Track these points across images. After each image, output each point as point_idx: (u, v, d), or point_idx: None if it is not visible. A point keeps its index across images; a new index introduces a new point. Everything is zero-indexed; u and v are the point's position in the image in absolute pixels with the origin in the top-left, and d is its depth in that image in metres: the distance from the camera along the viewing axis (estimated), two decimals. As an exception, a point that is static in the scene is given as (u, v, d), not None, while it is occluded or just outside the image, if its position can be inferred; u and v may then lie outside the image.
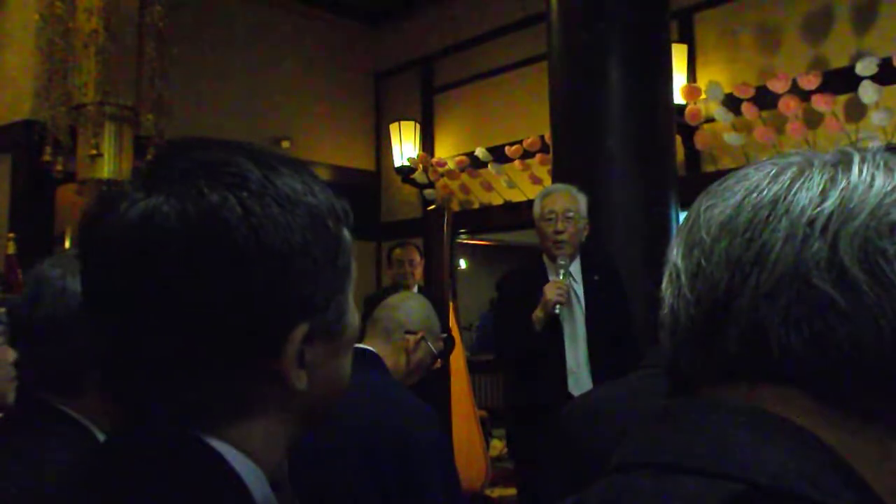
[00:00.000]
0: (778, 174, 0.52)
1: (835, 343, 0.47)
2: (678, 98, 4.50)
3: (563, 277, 2.86)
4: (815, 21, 4.62)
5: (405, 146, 6.45)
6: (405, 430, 1.80)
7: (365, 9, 6.84)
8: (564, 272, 2.87)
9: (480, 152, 5.91)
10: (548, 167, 4.43)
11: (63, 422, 1.01)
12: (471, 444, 4.49)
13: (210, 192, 0.55)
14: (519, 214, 5.68)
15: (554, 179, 3.47)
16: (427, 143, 6.63)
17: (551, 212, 2.94)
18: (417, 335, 2.04)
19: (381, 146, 7.00)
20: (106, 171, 3.96)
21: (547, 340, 2.83)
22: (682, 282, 0.53)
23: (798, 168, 0.52)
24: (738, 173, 0.55)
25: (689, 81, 4.94)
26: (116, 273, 0.56)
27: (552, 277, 2.92)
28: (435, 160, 6.38)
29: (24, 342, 1.06)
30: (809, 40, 4.65)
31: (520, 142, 5.65)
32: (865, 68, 4.18)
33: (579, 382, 2.83)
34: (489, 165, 5.92)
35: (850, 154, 0.52)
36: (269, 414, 0.59)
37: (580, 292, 2.95)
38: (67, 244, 4.66)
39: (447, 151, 6.49)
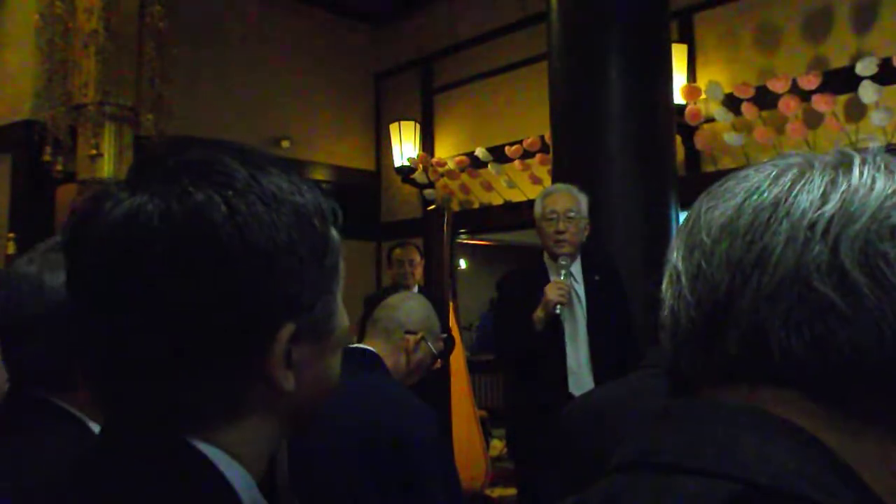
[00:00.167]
0: (778, 176, 0.52)
1: (835, 346, 0.47)
2: (678, 98, 4.50)
3: (565, 277, 2.86)
4: (815, 21, 4.62)
5: (405, 146, 6.44)
6: (405, 430, 1.80)
7: (365, 9, 6.84)
8: (566, 272, 2.87)
9: (480, 152, 5.90)
10: (548, 167, 4.43)
11: (57, 417, 1.00)
12: (471, 444, 4.49)
13: (195, 191, 0.55)
14: (519, 214, 5.68)
15: (554, 179, 3.47)
16: (427, 143, 6.63)
17: (553, 212, 2.94)
18: (417, 335, 2.05)
19: (381, 146, 6.99)
20: (106, 171, 3.96)
21: (548, 340, 2.83)
22: (683, 283, 0.53)
23: (798, 170, 0.52)
24: (739, 174, 0.55)
25: (689, 81, 4.93)
26: (101, 272, 0.56)
27: (553, 277, 2.92)
28: (435, 160, 6.38)
29: (6, 341, 1.05)
30: (809, 40, 4.65)
31: (520, 142, 5.65)
32: (865, 68, 4.18)
33: (580, 382, 2.83)
34: (489, 165, 5.91)
35: (851, 156, 0.52)
36: (256, 416, 0.59)
37: (581, 292, 2.95)
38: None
39: (447, 151, 6.49)
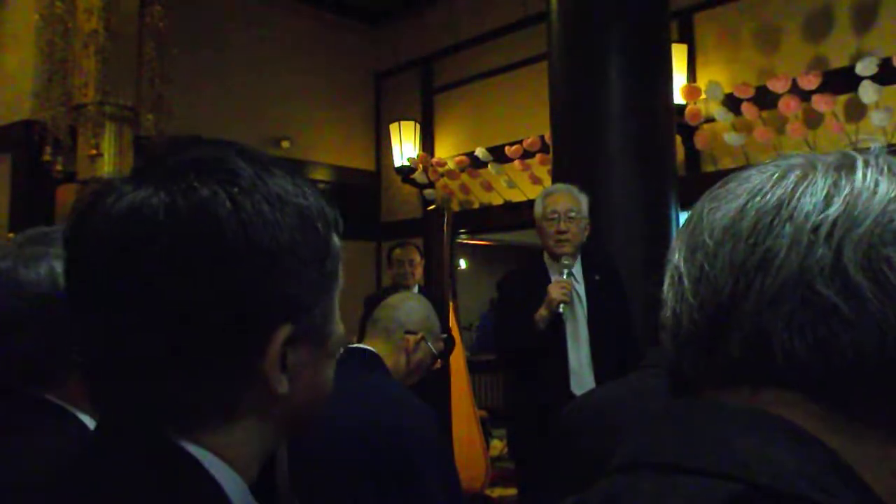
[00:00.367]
0: (781, 177, 0.52)
1: (838, 349, 0.47)
2: (678, 98, 4.50)
3: (567, 277, 2.86)
4: (815, 21, 4.62)
5: (405, 146, 6.44)
6: (405, 431, 1.80)
7: (365, 9, 6.84)
8: (568, 272, 2.88)
9: (480, 152, 5.90)
10: (548, 167, 4.43)
11: (48, 412, 1.00)
12: (471, 444, 4.49)
13: (201, 187, 0.55)
14: (519, 214, 5.68)
15: (554, 179, 3.47)
16: (427, 143, 6.63)
17: (554, 212, 2.94)
18: (417, 335, 2.04)
19: (381, 146, 6.99)
20: (106, 171, 3.96)
21: (549, 340, 2.84)
22: (685, 285, 0.53)
23: (801, 171, 0.52)
24: (740, 175, 0.55)
25: (689, 81, 4.93)
26: (102, 266, 0.55)
27: (553, 277, 2.92)
28: (435, 160, 6.38)
29: None
30: (809, 40, 4.64)
31: (520, 142, 5.65)
32: (865, 68, 4.18)
33: (581, 382, 2.83)
34: (489, 165, 5.91)
35: (853, 158, 0.52)
36: (250, 419, 0.58)
37: (582, 292, 2.95)
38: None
39: (447, 151, 6.49)
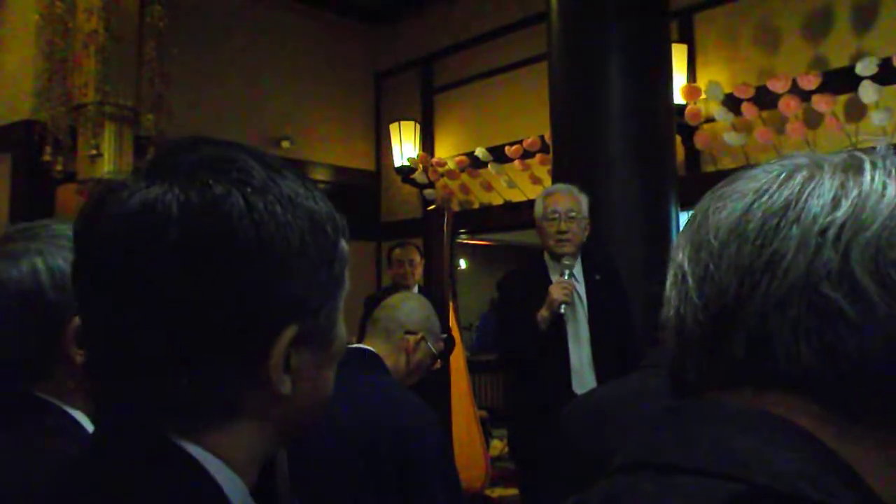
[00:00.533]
0: (787, 178, 0.51)
1: (844, 353, 0.47)
2: (678, 98, 4.49)
3: (568, 277, 2.87)
4: (815, 21, 4.62)
5: (405, 146, 6.44)
6: (405, 431, 1.80)
7: (365, 9, 6.84)
8: (570, 272, 2.88)
9: (480, 152, 5.90)
10: (548, 167, 4.42)
11: (39, 409, 0.99)
12: (471, 444, 4.48)
13: (215, 185, 0.55)
14: (519, 214, 5.67)
15: (554, 179, 3.47)
16: (427, 143, 6.62)
17: (554, 212, 2.94)
18: (417, 335, 2.04)
19: (381, 146, 6.99)
20: (106, 171, 3.96)
21: (551, 340, 2.84)
22: (690, 285, 0.52)
23: (808, 172, 0.51)
24: (746, 174, 0.54)
25: (689, 81, 4.93)
26: (112, 262, 0.55)
27: (554, 277, 2.92)
28: (435, 160, 6.37)
29: None
30: (809, 40, 4.64)
31: (520, 142, 5.65)
32: (865, 68, 4.18)
33: (583, 381, 2.83)
34: (489, 165, 5.91)
35: (861, 159, 0.51)
36: (251, 421, 0.59)
37: (582, 292, 2.95)
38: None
39: (447, 151, 6.49)
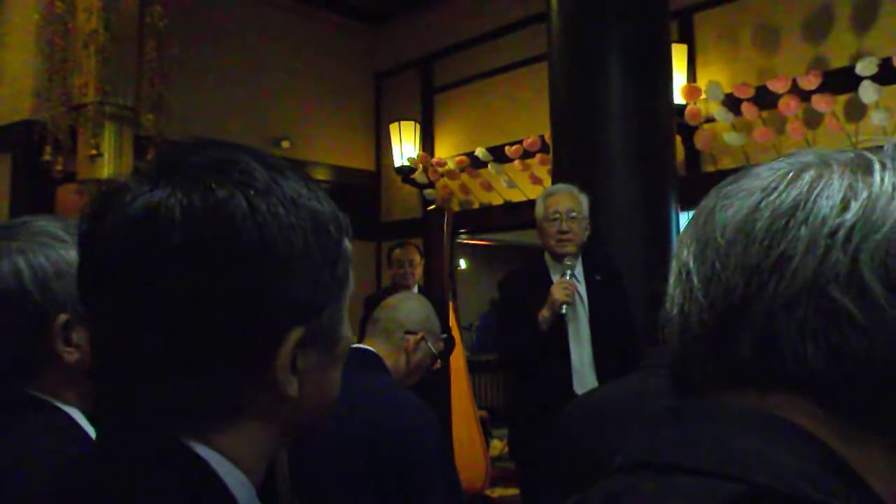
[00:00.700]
0: (795, 177, 0.51)
1: (851, 356, 0.46)
2: (678, 98, 4.49)
3: (570, 277, 2.87)
4: (815, 21, 4.62)
5: (405, 146, 6.44)
6: (405, 431, 1.80)
7: (365, 9, 6.84)
8: (571, 272, 2.88)
9: (480, 152, 5.90)
10: (548, 167, 4.42)
11: (36, 408, 0.99)
12: (471, 444, 4.48)
13: (218, 188, 0.55)
14: (519, 214, 5.67)
15: (554, 179, 3.47)
16: (427, 143, 6.62)
17: (555, 212, 2.95)
18: (417, 335, 2.04)
19: (381, 146, 6.99)
20: (106, 171, 3.96)
21: (552, 340, 2.84)
22: (695, 284, 0.52)
23: (816, 171, 0.51)
24: (752, 171, 0.54)
25: (689, 81, 4.93)
26: (117, 265, 0.55)
27: (555, 277, 2.92)
28: (435, 160, 6.37)
29: None
30: (809, 40, 4.64)
31: (520, 142, 5.65)
32: (865, 68, 4.18)
33: (584, 381, 2.83)
34: (489, 165, 5.91)
35: (870, 160, 0.51)
36: (257, 421, 0.59)
37: (583, 292, 2.95)
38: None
39: (447, 151, 6.49)
